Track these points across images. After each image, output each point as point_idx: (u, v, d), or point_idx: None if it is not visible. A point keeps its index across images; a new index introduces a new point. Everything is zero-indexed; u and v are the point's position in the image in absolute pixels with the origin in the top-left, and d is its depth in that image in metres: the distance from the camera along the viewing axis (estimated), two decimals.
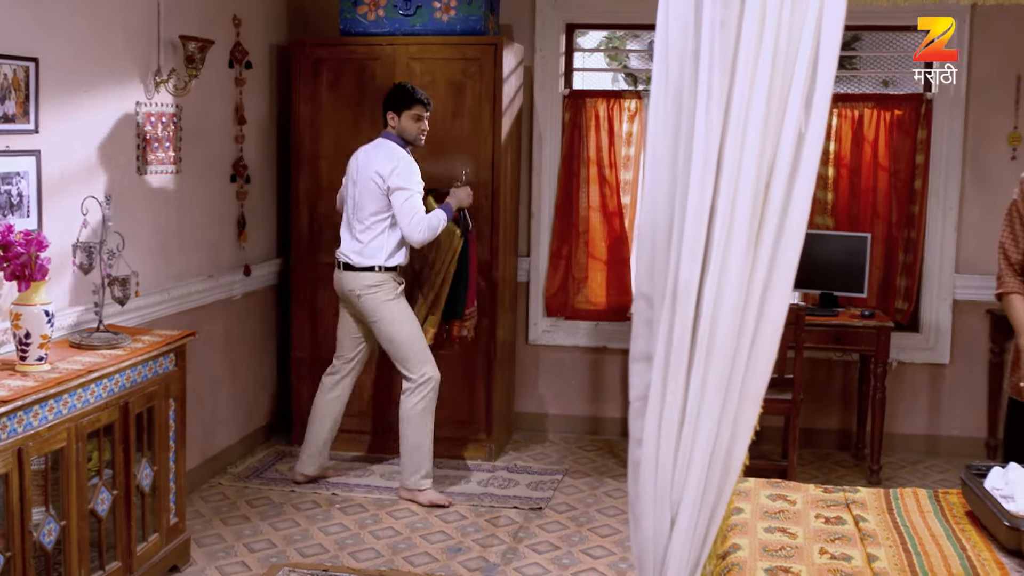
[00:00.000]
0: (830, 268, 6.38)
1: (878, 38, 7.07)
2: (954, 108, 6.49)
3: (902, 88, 6.93)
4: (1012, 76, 6.41)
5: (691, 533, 2.35)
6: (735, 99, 2.20)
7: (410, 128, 5.61)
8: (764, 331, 2.36)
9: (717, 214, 2.20)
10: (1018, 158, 6.41)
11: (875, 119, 6.60)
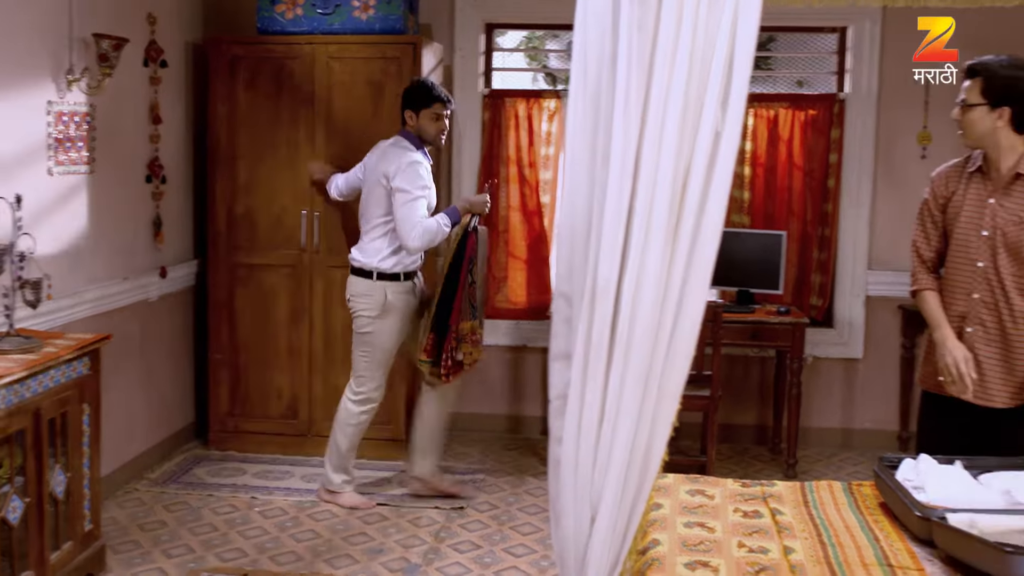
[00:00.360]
0: (747, 266, 6.47)
1: (793, 39, 7.19)
2: (866, 108, 6.63)
3: (816, 88, 7.05)
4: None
5: (611, 530, 2.36)
6: (652, 100, 2.22)
7: (429, 128, 5.46)
8: (682, 328, 2.39)
9: (635, 213, 2.22)
10: (928, 157, 6.55)
11: (790, 119, 6.71)
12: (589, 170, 2.28)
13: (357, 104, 6.23)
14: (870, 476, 3.78)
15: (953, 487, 3.50)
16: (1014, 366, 3.88)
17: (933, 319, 3.97)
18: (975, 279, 3.86)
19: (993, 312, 3.86)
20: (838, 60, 6.84)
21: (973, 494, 3.48)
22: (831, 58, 6.90)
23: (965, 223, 3.87)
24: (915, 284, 4.06)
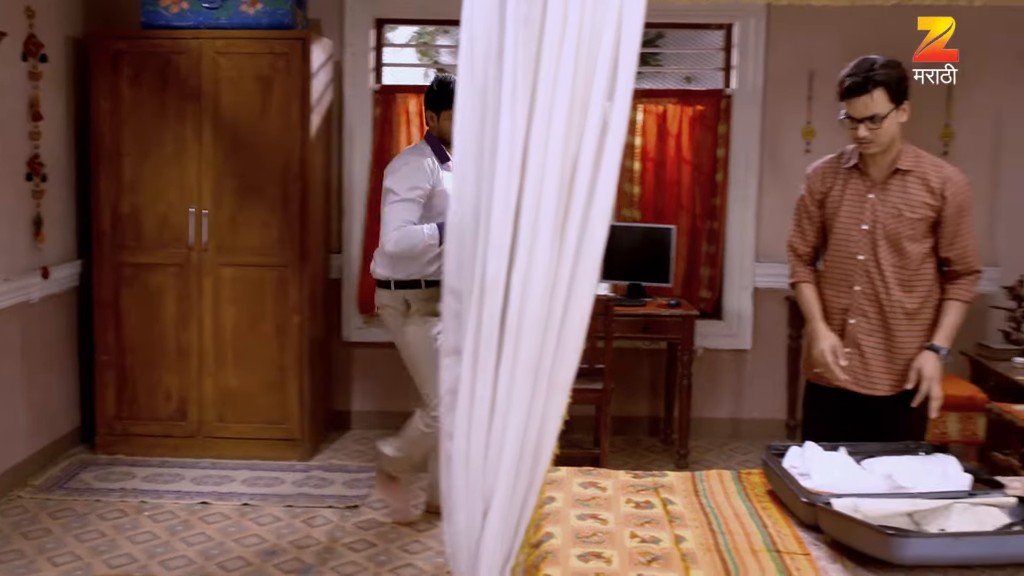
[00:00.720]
0: (637, 259, 6.55)
1: (681, 35, 7.29)
2: (752, 104, 6.75)
3: (704, 84, 7.16)
4: (805, 72, 6.71)
5: (503, 524, 2.37)
6: (539, 94, 2.23)
7: (449, 129, 4.93)
8: (571, 321, 2.40)
9: (523, 208, 2.23)
10: (812, 151, 6.69)
11: (678, 114, 6.81)
12: (477, 165, 2.28)
13: (245, 100, 6.14)
14: (759, 464, 3.85)
15: (837, 473, 3.59)
16: (895, 355, 3.99)
17: (808, 311, 4.08)
18: (856, 272, 3.96)
19: (875, 303, 3.96)
20: (724, 56, 6.96)
21: (856, 479, 3.57)
22: (718, 54, 7.02)
23: (845, 218, 3.96)
24: (793, 277, 4.16)
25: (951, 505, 3.25)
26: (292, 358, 6.31)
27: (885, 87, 3.73)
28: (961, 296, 3.94)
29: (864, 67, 3.77)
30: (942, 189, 3.85)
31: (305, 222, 6.21)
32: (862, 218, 3.92)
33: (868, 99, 3.74)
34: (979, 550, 3.00)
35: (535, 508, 3.52)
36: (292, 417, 6.33)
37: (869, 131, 3.78)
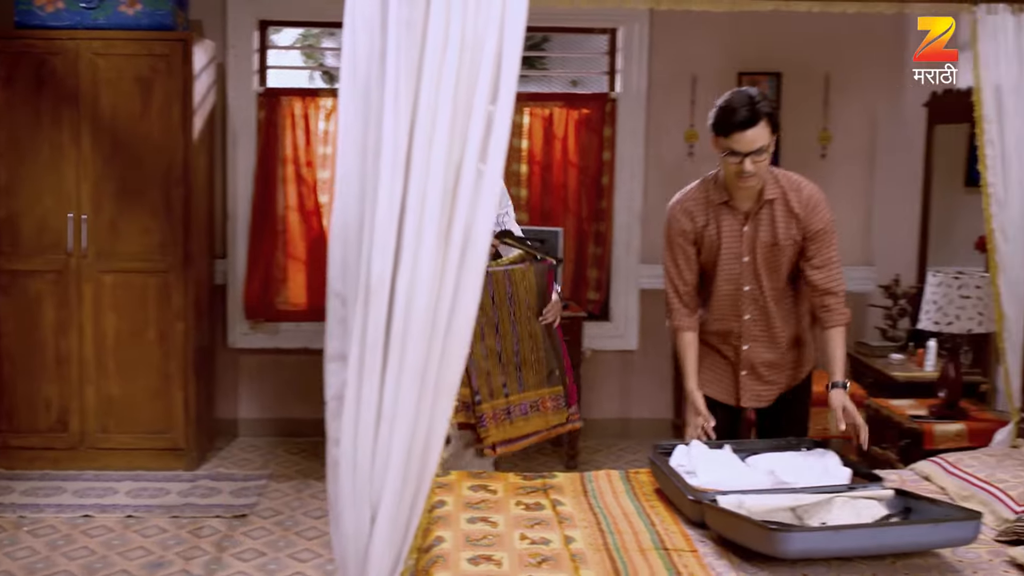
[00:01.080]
0: None
1: (567, 40, 7.35)
2: (636, 107, 6.84)
3: (589, 88, 7.23)
4: (688, 76, 6.81)
5: (392, 529, 2.36)
6: (423, 97, 2.23)
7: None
8: (457, 325, 2.40)
9: (408, 211, 2.22)
10: (695, 154, 6.82)
11: (564, 118, 6.86)
12: (360, 168, 2.27)
13: (125, 103, 6.01)
14: (647, 464, 3.90)
15: (722, 470, 3.66)
16: (781, 371, 4.10)
17: (683, 367, 4.07)
18: (744, 301, 4.00)
19: (764, 328, 4.02)
20: (609, 60, 7.03)
21: (740, 476, 3.64)
22: (603, 58, 7.09)
23: (726, 253, 3.95)
24: (673, 321, 4.10)
25: (832, 499, 3.34)
26: (176, 366, 6.19)
27: (768, 118, 3.70)
28: (840, 321, 3.94)
29: (746, 100, 3.69)
30: (805, 215, 3.87)
31: (188, 227, 6.10)
32: (741, 251, 3.94)
33: (755, 132, 3.68)
34: (858, 542, 3.08)
35: (424, 513, 3.53)
36: (177, 426, 6.22)
37: (754, 164, 3.73)
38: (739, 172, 3.74)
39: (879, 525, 3.17)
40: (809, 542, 3.05)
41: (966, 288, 4.86)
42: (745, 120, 3.66)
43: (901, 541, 3.11)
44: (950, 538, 3.12)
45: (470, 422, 4.15)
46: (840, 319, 3.94)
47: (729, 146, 3.72)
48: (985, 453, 4.03)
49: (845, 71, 6.89)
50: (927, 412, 4.99)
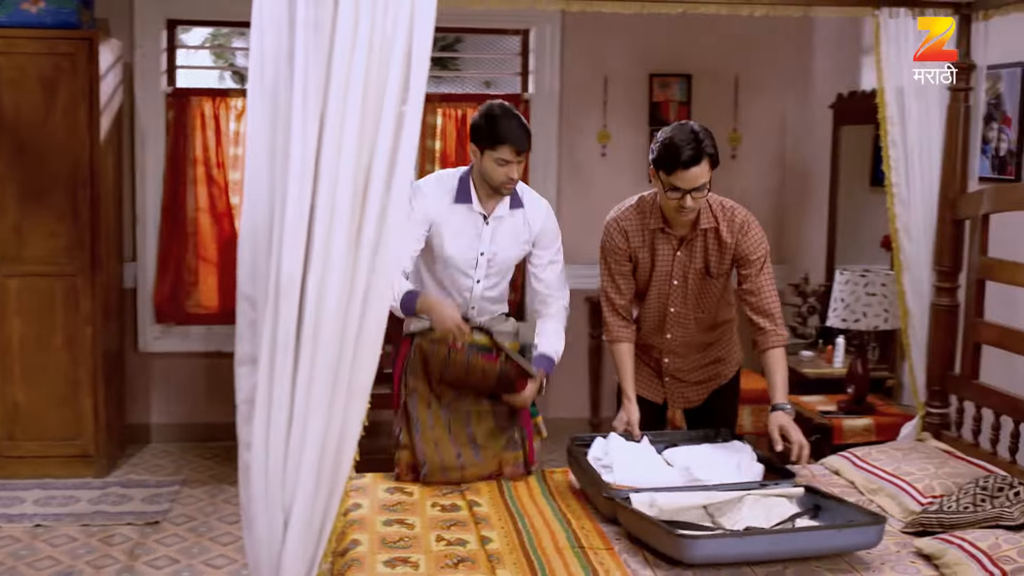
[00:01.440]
0: None
1: (480, 41, 7.36)
2: (549, 108, 6.87)
3: (503, 89, 7.23)
4: (600, 78, 6.86)
5: (305, 532, 2.34)
6: (331, 99, 2.21)
7: (492, 173, 3.89)
8: (368, 326, 2.39)
9: (317, 212, 2.20)
10: (608, 155, 6.87)
11: None
12: (269, 169, 2.25)
13: (28, 102, 5.87)
14: (564, 463, 3.92)
15: (638, 466, 3.69)
16: (705, 376, 4.17)
17: (620, 376, 4.05)
18: (668, 321, 4.03)
19: (686, 345, 4.07)
20: (522, 61, 7.05)
21: (655, 473, 3.68)
22: (516, 59, 7.10)
23: (658, 276, 3.98)
24: (609, 334, 4.09)
25: (743, 497, 3.39)
26: (85, 371, 6.06)
27: (711, 158, 3.69)
28: (776, 343, 3.93)
29: (690, 138, 3.65)
30: (735, 242, 3.88)
31: (96, 229, 5.98)
32: (673, 274, 3.96)
33: (699, 170, 3.65)
34: (762, 548, 3.14)
35: (340, 516, 3.51)
36: (86, 432, 6.09)
37: (695, 201, 3.71)
38: (679, 208, 3.73)
39: (783, 531, 3.23)
40: (713, 548, 3.10)
41: (872, 286, 4.96)
42: (689, 159, 3.63)
43: (805, 546, 3.17)
44: (854, 543, 3.20)
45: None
46: (776, 341, 3.91)
47: (671, 183, 3.68)
48: (892, 447, 4.13)
49: (754, 73, 7.00)
50: (836, 408, 5.09)
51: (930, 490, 3.62)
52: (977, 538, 3.14)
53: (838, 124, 6.32)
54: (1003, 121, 4.62)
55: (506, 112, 3.87)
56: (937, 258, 4.26)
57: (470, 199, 3.94)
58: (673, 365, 4.13)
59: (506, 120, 3.84)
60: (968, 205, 4.13)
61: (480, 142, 3.88)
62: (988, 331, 4.08)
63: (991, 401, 4.02)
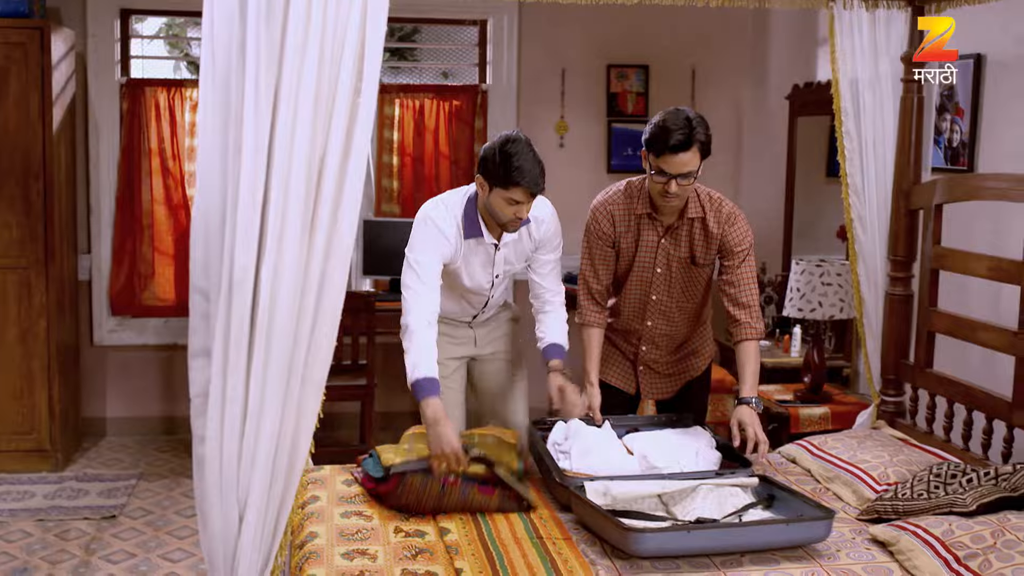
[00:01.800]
0: (398, 254, 6.49)
1: (439, 31, 7.34)
2: (507, 99, 6.86)
3: (461, 80, 7.22)
4: (558, 69, 6.86)
5: (261, 526, 2.33)
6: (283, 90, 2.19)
7: (500, 211, 3.71)
8: (323, 318, 2.38)
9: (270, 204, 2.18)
10: (566, 145, 6.88)
11: (435, 109, 6.84)
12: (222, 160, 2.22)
13: None
14: None
15: (596, 453, 3.68)
16: (679, 370, 4.18)
17: (588, 359, 4.06)
18: (649, 309, 4.02)
19: (665, 334, 4.06)
20: (479, 52, 7.03)
21: (613, 460, 3.68)
22: (473, 50, 7.09)
23: (641, 262, 3.97)
24: (581, 318, 4.08)
25: (697, 487, 3.40)
26: (39, 365, 5.99)
27: (701, 146, 3.66)
28: (751, 336, 3.92)
29: (683, 124, 3.62)
30: (721, 233, 3.89)
31: (49, 221, 5.91)
32: (656, 262, 3.95)
33: (687, 156, 3.62)
34: (711, 542, 3.15)
35: (297, 509, 3.50)
36: (41, 427, 6.03)
37: (679, 187, 3.68)
38: (663, 192, 3.72)
39: (730, 525, 3.23)
40: (660, 542, 3.10)
41: (828, 275, 5.00)
42: (678, 144, 3.61)
43: (754, 540, 3.18)
44: (802, 538, 3.21)
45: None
46: (751, 333, 3.91)
47: (658, 165, 3.67)
48: (848, 435, 4.16)
49: (711, 64, 7.02)
50: (793, 397, 5.13)
51: (885, 478, 3.65)
52: (930, 524, 3.17)
53: (794, 115, 6.36)
54: (956, 112, 4.66)
55: (522, 149, 3.61)
56: (891, 248, 4.30)
57: (480, 232, 3.79)
58: (649, 355, 4.13)
59: (522, 159, 3.59)
60: (921, 195, 4.17)
61: (490, 178, 3.65)
62: (941, 320, 4.12)
63: (945, 389, 4.06)
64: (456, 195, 3.91)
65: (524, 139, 3.65)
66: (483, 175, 3.69)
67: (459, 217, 3.80)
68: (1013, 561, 2.91)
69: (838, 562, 3.13)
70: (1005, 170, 4.21)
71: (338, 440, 6.58)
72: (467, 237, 3.79)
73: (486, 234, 3.81)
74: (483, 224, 3.80)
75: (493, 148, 3.66)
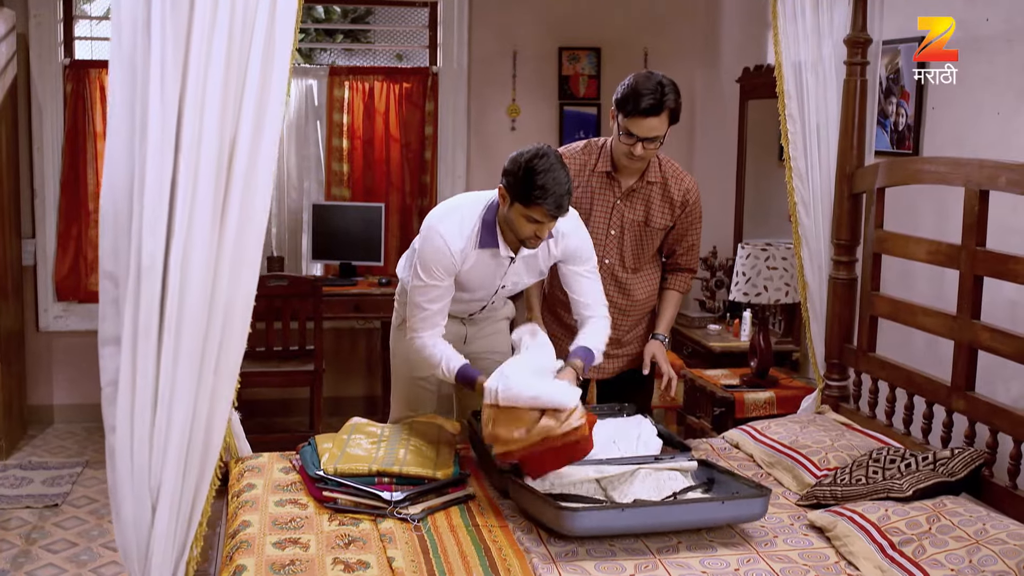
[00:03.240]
0: (349, 239, 6.49)
1: (392, 13, 7.27)
2: (458, 82, 6.80)
3: (414, 62, 7.15)
4: (509, 51, 6.81)
5: (175, 516, 2.28)
6: (191, 71, 2.13)
7: (520, 228, 3.51)
8: (236, 303, 2.32)
9: (179, 187, 2.12)
10: (517, 128, 6.83)
11: (385, 92, 6.77)
12: (129, 142, 2.15)
13: None
14: None
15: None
16: (625, 344, 4.13)
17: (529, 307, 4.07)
18: (602, 273, 3.94)
19: (613, 302, 4.02)
20: (430, 34, 6.97)
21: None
22: (424, 32, 7.02)
23: (594, 224, 3.94)
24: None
25: (636, 471, 3.38)
26: None
27: (671, 112, 3.69)
28: (680, 287, 4.13)
29: (655, 88, 3.64)
30: (683, 201, 3.94)
31: None
32: (611, 223, 3.94)
33: (656, 121, 3.66)
34: (645, 520, 3.13)
35: (233, 498, 3.45)
36: None
37: (645, 150, 3.71)
38: (628, 154, 3.75)
39: (665, 503, 3.22)
40: (596, 520, 3.08)
41: (773, 260, 4.99)
42: (648, 108, 3.63)
43: (688, 518, 3.17)
44: (737, 515, 3.20)
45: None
46: (681, 286, 4.15)
47: (627, 127, 3.69)
48: (791, 420, 4.15)
49: (664, 46, 6.99)
50: (739, 381, 5.11)
51: (825, 463, 3.64)
52: (867, 510, 3.16)
53: (745, 98, 6.34)
54: (901, 95, 4.65)
55: (549, 167, 3.36)
56: (835, 231, 4.28)
57: (496, 244, 3.58)
58: None
59: (547, 177, 3.34)
60: (864, 179, 4.15)
61: (511, 191, 3.43)
62: (883, 304, 4.11)
63: (887, 374, 4.05)
64: (476, 202, 3.65)
65: (554, 155, 3.42)
66: (505, 186, 3.46)
67: (476, 226, 3.57)
68: (947, 547, 2.91)
69: (775, 548, 3.12)
70: (949, 153, 4.20)
71: (288, 426, 6.52)
72: (481, 247, 3.59)
73: (502, 246, 3.59)
74: (500, 235, 3.57)
75: (519, 161, 3.42)
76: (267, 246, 6.71)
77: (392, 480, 3.39)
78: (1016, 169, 3.34)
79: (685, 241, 4.08)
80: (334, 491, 3.37)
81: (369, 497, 3.33)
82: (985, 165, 3.50)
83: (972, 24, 4.14)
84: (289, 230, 6.82)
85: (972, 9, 4.14)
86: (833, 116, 4.25)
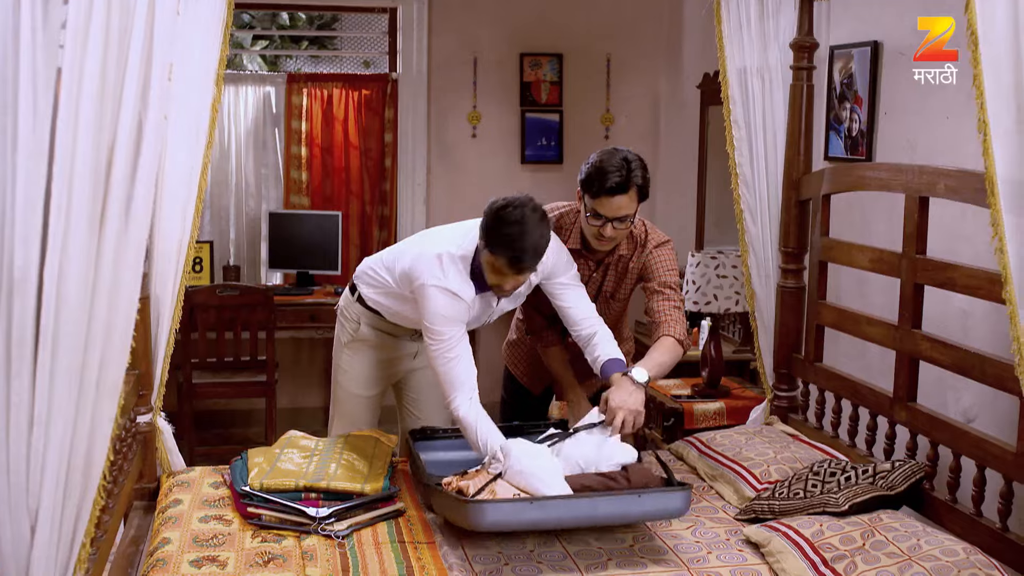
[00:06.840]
0: (306, 248, 6.42)
1: (358, 19, 7.21)
2: (418, 88, 6.73)
3: (378, 68, 7.09)
4: (470, 57, 6.75)
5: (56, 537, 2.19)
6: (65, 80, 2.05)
7: (487, 273, 3.43)
8: (116, 318, 2.24)
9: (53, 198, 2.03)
10: (478, 135, 6.77)
11: (344, 99, 6.70)
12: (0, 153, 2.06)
13: None
14: None
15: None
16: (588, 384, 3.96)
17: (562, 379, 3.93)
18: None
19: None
20: (390, 40, 6.90)
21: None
22: (384, 39, 6.96)
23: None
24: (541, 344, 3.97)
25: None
26: None
27: (638, 189, 3.52)
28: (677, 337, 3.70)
29: (621, 165, 3.49)
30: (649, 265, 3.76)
31: None
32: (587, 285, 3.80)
33: (624, 199, 3.49)
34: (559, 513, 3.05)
35: (158, 514, 3.36)
36: None
37: (615, 230, 3.55)
38: (597, 235, 3.59)
39: (580, 497, 3.10)
40: (505, 514, 3.01)
41: (723, 268, 4.92)
42: (615, 186, 3.46)
43: (603, 512, 3.08)
44: (656, 510, 3.12)
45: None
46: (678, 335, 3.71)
47: (594, 207, 3.53)
48: (737, 431, 4.07)
49: (626, 52, 6.93)
50: (691, 391, 5.02)
51: (767, 476, 3.57)
52: (802, 525, 3.10)
53: (705, 104, 6.28)
54: (855, 101, 4.60)
55: (522, 218, 3.23)
56: (783, 239, 4.21)
57: (487, 288, 3.50)
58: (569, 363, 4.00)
59: (515, 228, 3.22)
60: (810, 186, 4.09)
61: (482, 238, 3.32)
62: (828, 313, 4.04)
63: (833, 384, 3.98)
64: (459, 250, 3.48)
65: (531, 206, 3.27)
66: (480, 227, 3.36)
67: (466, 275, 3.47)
68: (879, 563, 2.84)
69: (707, 565, 3.05)
70: (900, 159, 4.15)
71: (245, 437, 6.43)
72: (478, 292, 3.50)
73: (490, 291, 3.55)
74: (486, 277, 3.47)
75: (493, 206, 3.31)
76: (224, 255, 6.64)
77: (320, 496, 3.32)
78: (954, 175, 3.27)
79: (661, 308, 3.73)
80: (259, 507, 3.29)
81: (294, 513, 3.25)
82: (925, 171, 3.44)
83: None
84: (247, 239, 6.73)
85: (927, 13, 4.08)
86: (780, 122, 4.19)
